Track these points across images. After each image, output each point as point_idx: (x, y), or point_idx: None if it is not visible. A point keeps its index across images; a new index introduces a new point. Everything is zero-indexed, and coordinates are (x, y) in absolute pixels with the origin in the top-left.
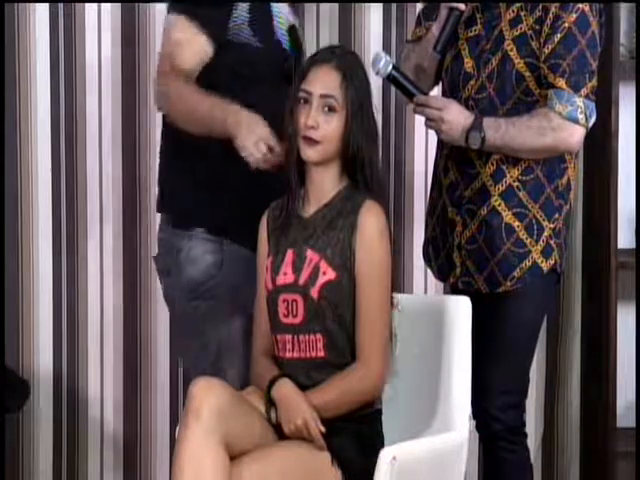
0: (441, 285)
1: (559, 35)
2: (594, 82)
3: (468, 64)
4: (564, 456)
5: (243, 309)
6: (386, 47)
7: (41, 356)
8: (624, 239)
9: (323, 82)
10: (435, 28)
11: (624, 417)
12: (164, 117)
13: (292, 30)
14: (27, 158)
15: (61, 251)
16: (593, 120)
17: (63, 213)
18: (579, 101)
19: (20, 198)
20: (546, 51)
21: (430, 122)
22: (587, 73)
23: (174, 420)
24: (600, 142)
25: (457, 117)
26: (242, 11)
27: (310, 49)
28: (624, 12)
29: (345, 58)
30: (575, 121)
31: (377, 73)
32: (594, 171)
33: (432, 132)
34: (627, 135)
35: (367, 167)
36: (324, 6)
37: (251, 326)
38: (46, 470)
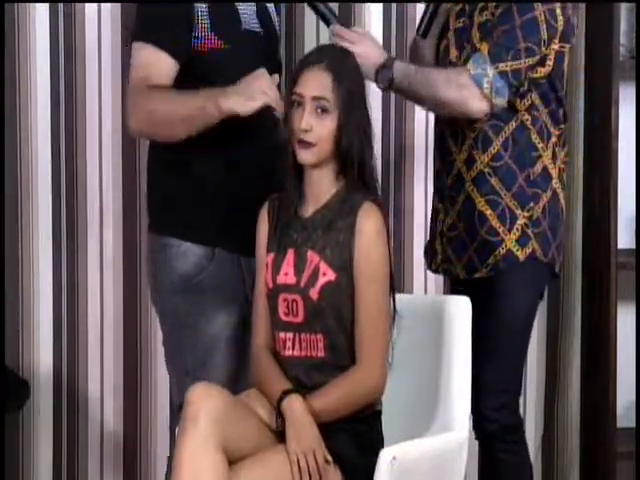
0: (441, 285)
1: (500, 10)
2: (518, 65)
3: (453, 54)
4: (564, 456)
5: (235, 304)
6: (386, 47)
7: (41, 356)
8: (624, 239)
9: (314, 84)
10: (422, 15)
11: (624, 417)
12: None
13: (259, 6)
14: (27, 158)
15: (61, 251)
16: (500, 101)
17: (63, 213)
18: (490, 71)
19: (20, 198)
20: (489, 26)
21: None
22: (511, 50)
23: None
24: (600, 142)
25: (369, 52)
26: (204, 18)
27: (310, 49)
28: (624, 12)
29: (336, 57)
30: (479, 86)
31: None
32: (594, 171)
33: (432, 132)
34: (627, 135)
35: (359, 165)
36: None
37: (243, 320)
38: (46, 470)
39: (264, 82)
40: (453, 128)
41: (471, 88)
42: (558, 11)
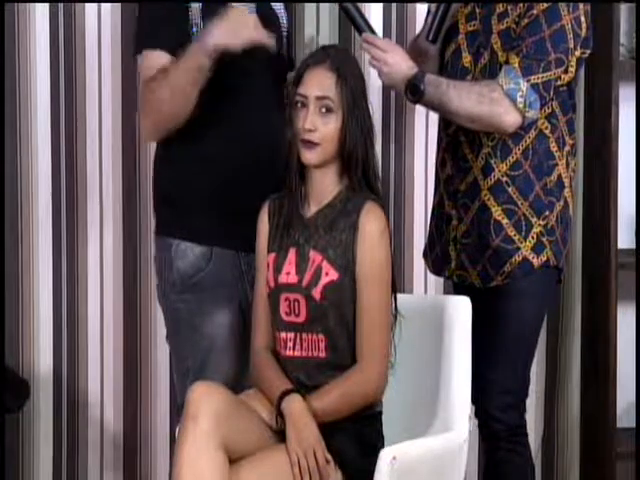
0: (441, 285)
1: (526, 20)
2: (549, 76)
3: (466, 59)
4: (564, 456)
5: (234, 302)
6: None
7: (41, 356)
8: (624, 239)
9: (318, 84)
10: (429, 18)
11: (624, 417)
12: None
13: (264, 6)
14: (27, 158)
15: (61, 251)
16: (533, 113)
17: (63, 213)
18: (523, 85)
19: (20, 198)
20: (513, 35)
21: (374, 61)
22: (543, 62)
23: (174, 420)
24: (600, 142)
25: (400, 63)
26: (195, 19)
27: (310, 49)
28: (624, 12)
29: (338, 57)
30: (513, 101)
31: None
32: (594, 171)
33: (432, 131)
34: (627, 136)
35: (362, 165)
36: (324, 6)
37: (243, 318)
38: (46, 470)
39: (247, 20)
40: (470, 135)
41: (504, 103)
42: (582, 18)
